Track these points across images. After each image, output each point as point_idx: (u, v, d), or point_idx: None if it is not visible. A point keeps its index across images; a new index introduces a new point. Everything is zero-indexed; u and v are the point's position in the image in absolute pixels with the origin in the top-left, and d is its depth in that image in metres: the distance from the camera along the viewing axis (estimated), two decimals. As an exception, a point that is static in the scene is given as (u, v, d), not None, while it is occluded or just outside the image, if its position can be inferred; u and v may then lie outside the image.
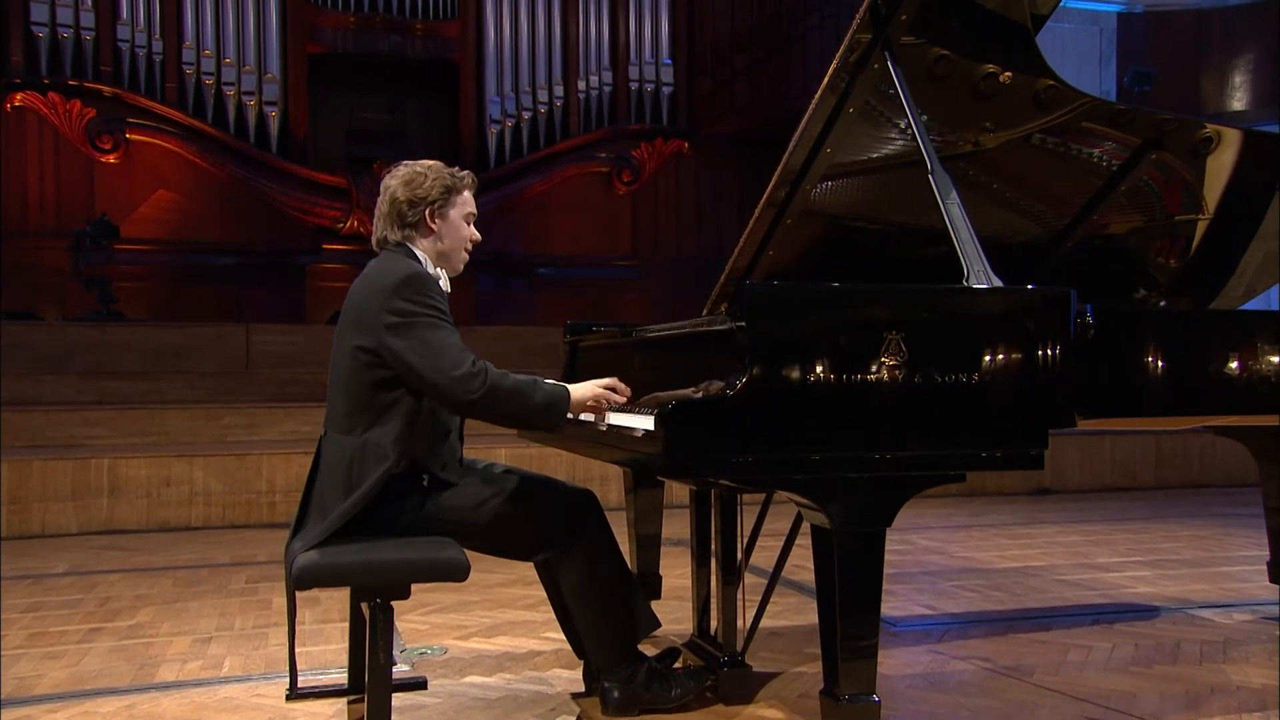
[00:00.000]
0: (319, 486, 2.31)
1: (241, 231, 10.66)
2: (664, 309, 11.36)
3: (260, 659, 3.09)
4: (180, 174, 10.60)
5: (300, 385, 8.12)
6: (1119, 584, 4.17)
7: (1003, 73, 2.68)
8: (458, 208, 2.40)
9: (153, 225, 10.45)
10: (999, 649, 3.17)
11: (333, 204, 10.82)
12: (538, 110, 11.61)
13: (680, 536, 3.29)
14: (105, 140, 10.27)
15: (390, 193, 2.37)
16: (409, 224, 2.36)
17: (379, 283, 2.25)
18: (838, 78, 2.54)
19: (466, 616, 3.62)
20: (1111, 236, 3.26)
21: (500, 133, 11.48)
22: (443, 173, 2.39)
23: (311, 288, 10.62)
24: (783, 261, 3.00)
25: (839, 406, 1.95)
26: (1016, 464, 2.06)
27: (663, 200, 12.08)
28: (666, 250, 12.09)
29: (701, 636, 2.88)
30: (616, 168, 11.79)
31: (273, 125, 10.87)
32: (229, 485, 5.88)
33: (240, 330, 8.78)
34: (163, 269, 10.35)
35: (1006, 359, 2.07)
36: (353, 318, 2.29)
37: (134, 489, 5.71)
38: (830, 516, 1.99)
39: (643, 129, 11.85)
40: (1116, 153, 2.99)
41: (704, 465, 1.94)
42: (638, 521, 3.25)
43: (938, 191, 2.34)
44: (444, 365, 2.16)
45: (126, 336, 8.41)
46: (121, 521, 5.65)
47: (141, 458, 5.79)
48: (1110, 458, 7.47)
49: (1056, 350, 2.11)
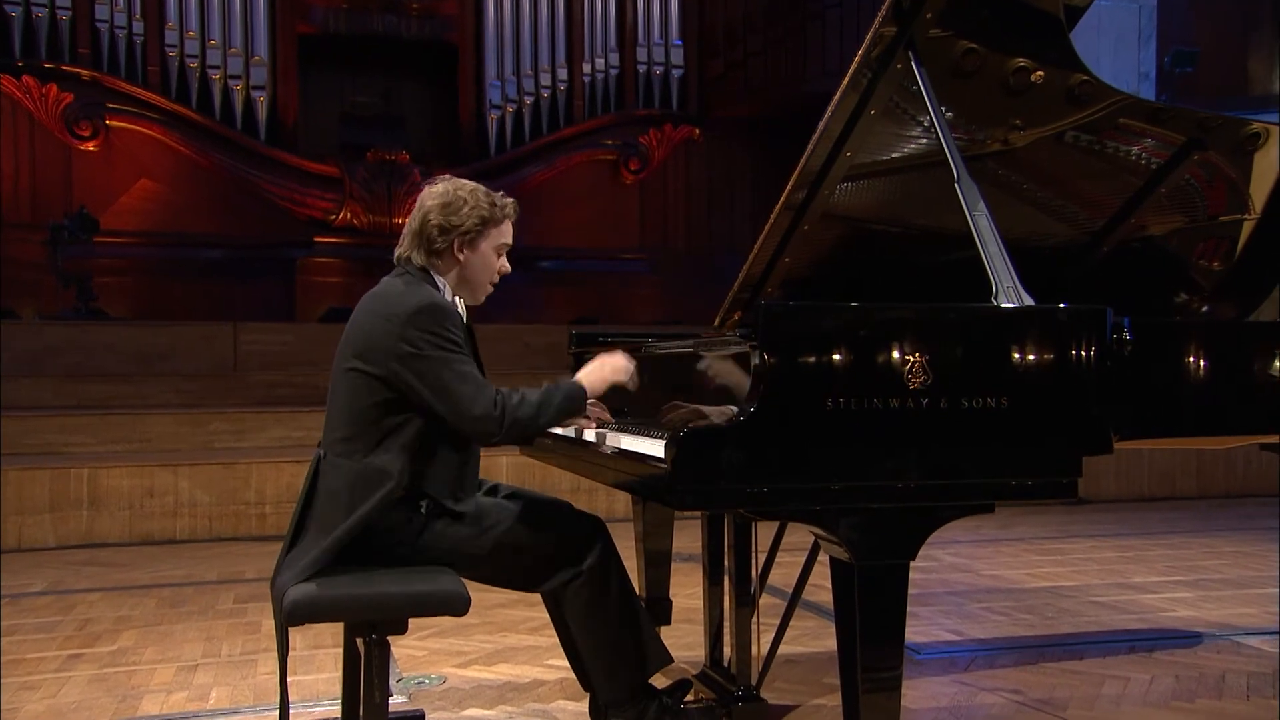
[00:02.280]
0: (314, 512, 2.31)
1: (228, 224, 10.69)
2: (674, 306, 11.41)
3: (248, 689, 3.10)
4: (163, 163, 10.62)
5: (291, 388, 8.14)
6: (1157, 606, 4.16)
7: (1035, 68, 2.67)
8: (490, 239, 2.40)
9: (134, 217, 10.48)
10: (1029, 679, 3.17)
11: (325, 194, 10.83)
12: (540, 94, 11.60)
13: (691, 551, 3.29)
14: (84, 127, 10.28)
15: (424, 212, 2.37)
16: (435, 250, 2.37)
17: (393, 309, 2.26)
18: (860, 74, 2.53)
19: (466, 641, 3.63)
20: (1150, 239, 3.25)
21: (501, 118, 11.47)
22: (482, 202, 2.38)
23: (302, 283, 10.65)
24: (799, 268, 3.00)
25: (859, 433, 1.95)
26: (1049, 493, 2.05)
27: (672, 190, 12.07)
28: (676, 242, 12.08)
29: (714, 667, 2.89)
30: (623, 155, 11.78)
31: (261, 111, 10.89)
32: (216, 496, 5.90)
33: (228, 329, 8.81)
34: (145, 263, 10.38)
35: (1037, 382, 2.06)
36: (360, 338, 2.30)
37: (115, 500, 5.74)
38: (850, 549, 1.98)
39: (651, 114, 11.84)
40: (1156, 150, 2.97)
41: (716, 497, 1.93)
42: (646, 536, 3.25)
43: (965, 202, 2.34)
44: (462, 408, 2.19)
45: (107, 336, 8.45)
46: (102, 535, 5.68)
47: (123, 467, 5.82)
48: (1149, 466, 7.44)
49: (1091, 372, 2.10)
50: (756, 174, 11.84)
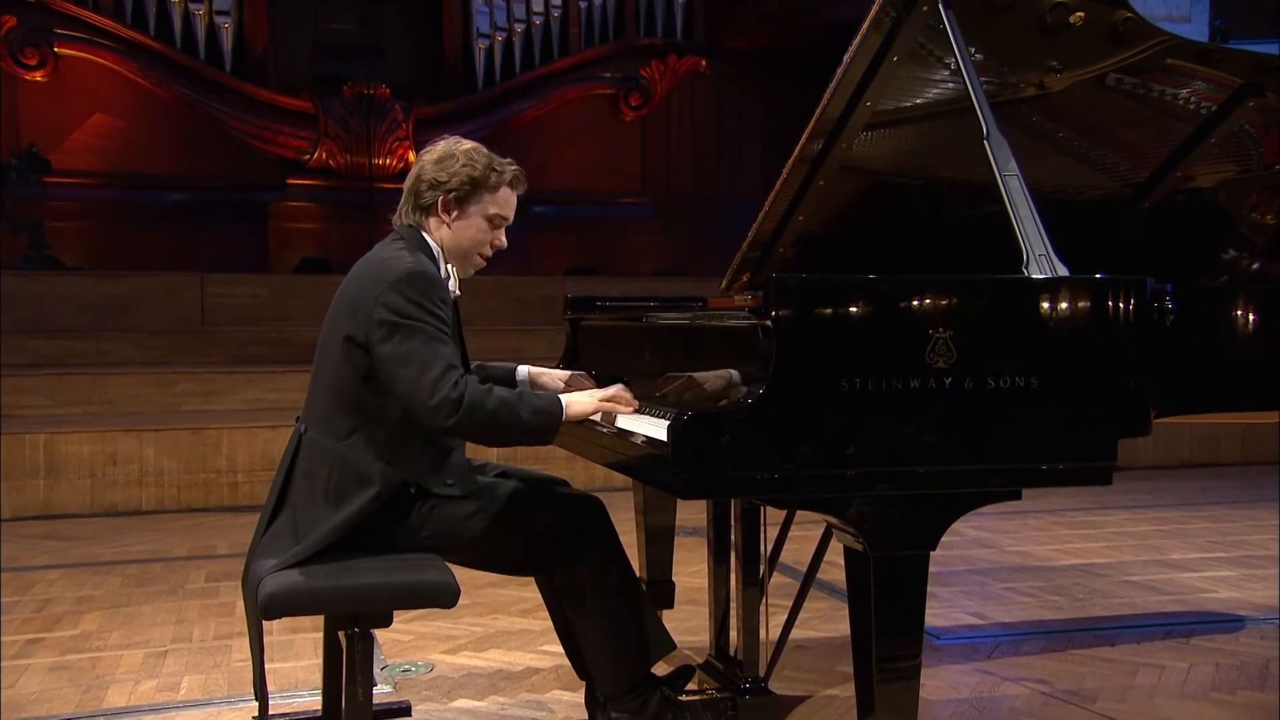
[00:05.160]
0: (293, 491, 2.34)
1: (192, 164, 10.62)
2: (679, 254, 11.39)
3: (222, 678, 3.14)
4: (119, 96, 10.52)
5: (264, 345, 8.16)
6: (1197, 587, 4.20)
7: (1074, 4, 2.63)
8: (481, 204, 2.39)
9: (88, 156, 10.41)
10: (1057, 668, 3.21)
11: (298, 131, 10.74)
12: (532, 22, 11.48)
13: (696, 524, 3.30)
14: (29, 55, 10.14)
15: (419, 167, 2.40)
16: (423, 206, 2.39)
17: (379, 273, 2.26)
18: (883, 13, 2.50)
19: (455, 624, 3.67)
20: (1198, 190, 3.23)
21: (489, 48, 11.36)
22: (476, 161, 2.37)
23: (275, 229, 10.62)
24: (814, 225, 2.99)
25: (878, 415, 1.95)
26: (1081, 478, 2.06)
27: (676, 127, 11.99)
28: (681, 184, 12.02)
29: (719, 656, 2.92)
30: (623, 89, 11.68)
31: (226, 39, 10.77)
32: (184, 463, 5.94)
33: (194, 280, 8.80)
34: (102, 207, 10.33)
35: (1070, 359, 2.06)
36: (348, 303, 2.31)
37: (74, 468, 5.77)
38: (866, 539, 2.00)
39: (654, 44, 11.72)
40: (1208, 94, 2.94)
41: (722, 484, 1.95)
42: (647, 510, 3.27)
43: (995, 162, 2.32)
44: (419, 382, 2.16)
45: (62, 288, 8.46)
46: (61, 506, 5.72)
47: (82, 432, 5.85)
48: (1190, 429, 7.47)
49: (1128, 348, 2.10)
50: (769, 110, 11.75)
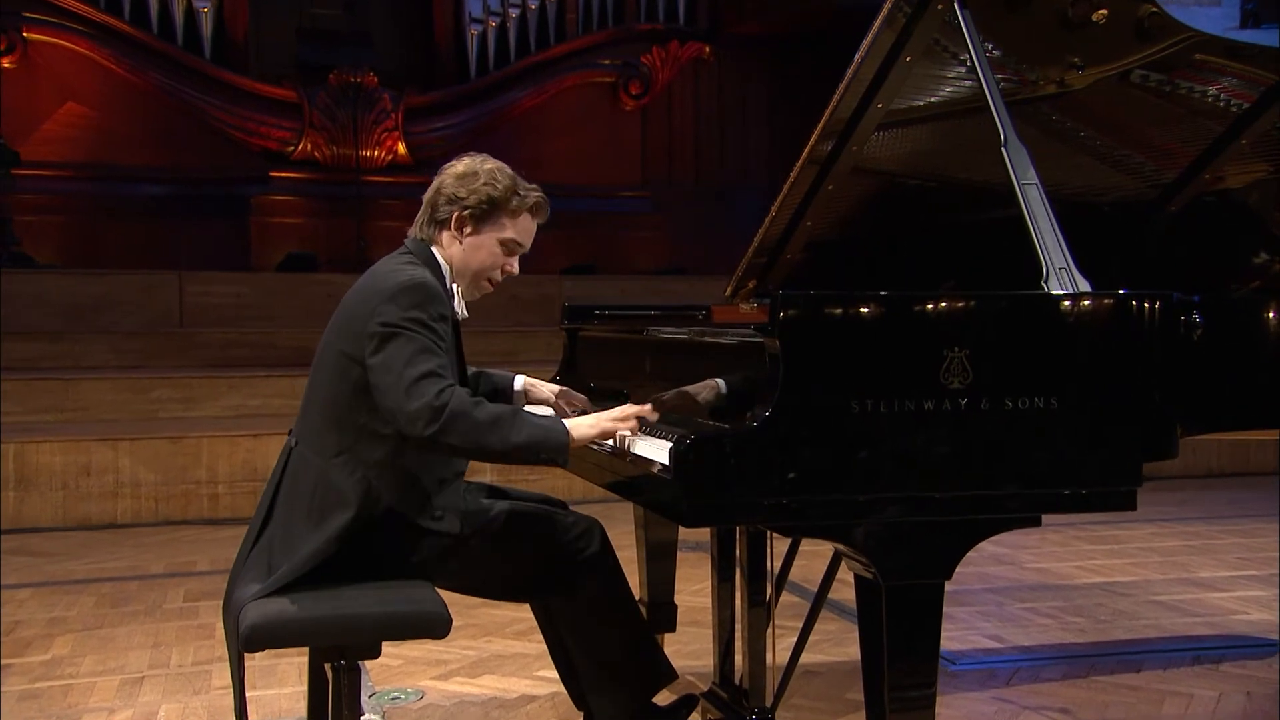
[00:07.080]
0: (279, 509, 2.34)
1: (170, 156, 10.62)
2: (681, 250, 11.39)
3: (201, 708, 3.15)
4: (93, 84, 10.52)
5: (246, 347, 8.16)
6: (1227, 608, 4.20)
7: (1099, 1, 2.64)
8: (498, 227, 2.41)
9: (60, 147, 10.40)
10: (1079, 696, 3.21)
11: (281, 122, 10.75)
12: (527, 7, 11.47)
13: (699, 538, 3.30)
14: (-4, 41, 10.17)
15: (440, 180, 2.44)
16: (436, 220, 2.42)
17: (379, 284, 2.29)
18: (897, 9, 2.51)
19: (447, 648, 3.67)
20: (1227, 191, 3.23)
21: (482, 34, 11.36)
22: (499, 181, 2.40)
23: (258, 225, 10.62)
24: (823, 230, 2.99)
25: (890, 439, 1.96)
26: (1104, 504, 2.07)
27: (679, 117, 11.98)
28: (684, 177, 12.02)
29: (724, 684, 2.92)
30: (623, 77, 11.68)
31: (205, 24, 10.77)
32: (161, 474, 5.95)
33: (172, 279, 8.80)
34: (75, 201, 10.33)
35: (1092, 379, 2.07)
36: (345, 317, 2.34)
37: (46, 480, 5.78)
38: (878, 568, 2.00)
39: (655, 30, 11.73)
40: (1239, 91, 2.94)
41: (726, 511, 1.96)
42: (648, 523, 3.27)
43: (1013, 171, 2.32)
44: (400, 391, 2.16)
45: (32, 286, 8.44)
46: (32, 519, 5.73)
47: (54, 441, 5.86)
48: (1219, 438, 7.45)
49: (1154, 367, 2.11)
50: (775, 99, 11.73)
